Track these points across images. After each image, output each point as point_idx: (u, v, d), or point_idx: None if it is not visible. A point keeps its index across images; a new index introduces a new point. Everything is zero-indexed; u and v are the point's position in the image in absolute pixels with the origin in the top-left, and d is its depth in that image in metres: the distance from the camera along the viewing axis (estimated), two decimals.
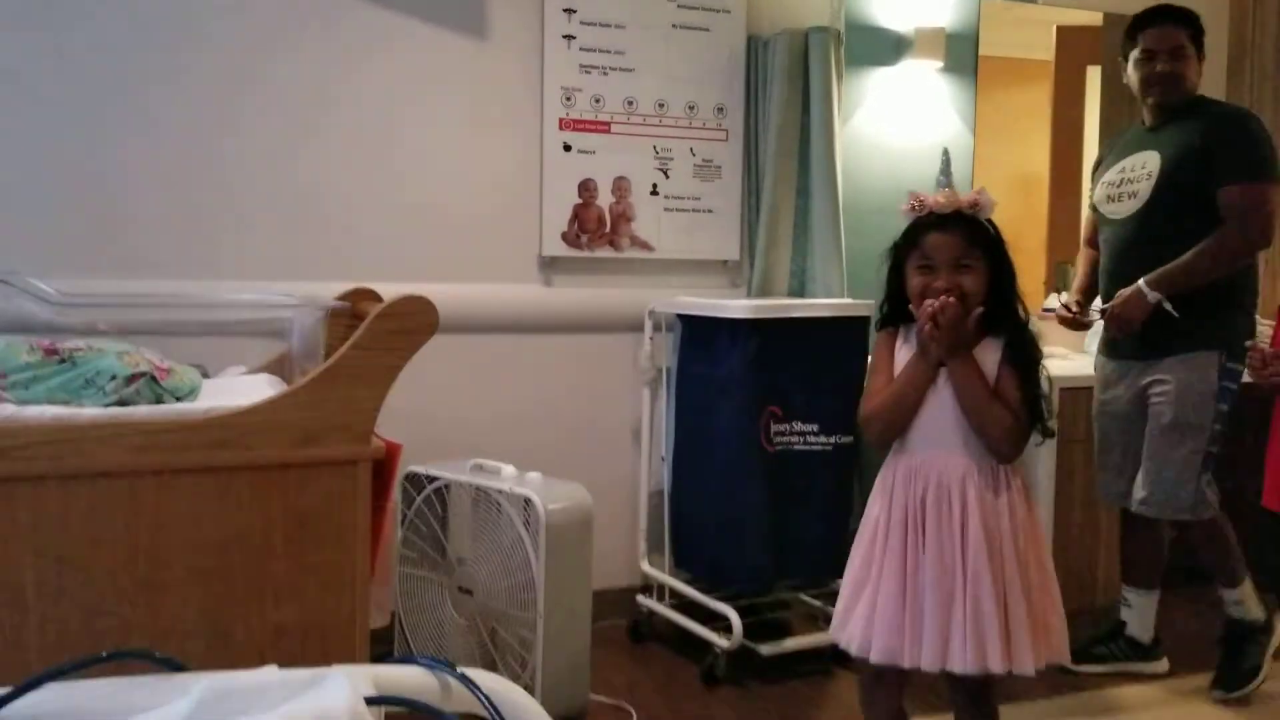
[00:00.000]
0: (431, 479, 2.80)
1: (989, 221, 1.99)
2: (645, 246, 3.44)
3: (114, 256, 2.84)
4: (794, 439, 3.06)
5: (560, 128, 3.32)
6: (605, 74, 3.36)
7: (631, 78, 3.39)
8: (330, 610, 1.87)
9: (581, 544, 2.66)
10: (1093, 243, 3.12)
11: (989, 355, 1.99)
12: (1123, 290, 2.81)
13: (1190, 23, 2.88)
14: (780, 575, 3.11)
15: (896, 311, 2.06)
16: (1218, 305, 2.77)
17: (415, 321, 2.00)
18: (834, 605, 2.11)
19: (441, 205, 3.21)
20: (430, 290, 2.10)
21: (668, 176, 3.46)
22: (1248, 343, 2.41)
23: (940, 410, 1.98)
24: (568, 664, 2.64)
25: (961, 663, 1.89)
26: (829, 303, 3.21)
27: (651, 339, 3.34)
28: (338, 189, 3.09)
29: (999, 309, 1.97)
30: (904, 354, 2.04)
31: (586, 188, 3.36)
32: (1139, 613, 3.03)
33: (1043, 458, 3.26)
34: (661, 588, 3.34)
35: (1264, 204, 2.73)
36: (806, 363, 3.04)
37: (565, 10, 3.30)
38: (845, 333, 3.08)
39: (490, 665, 2.62)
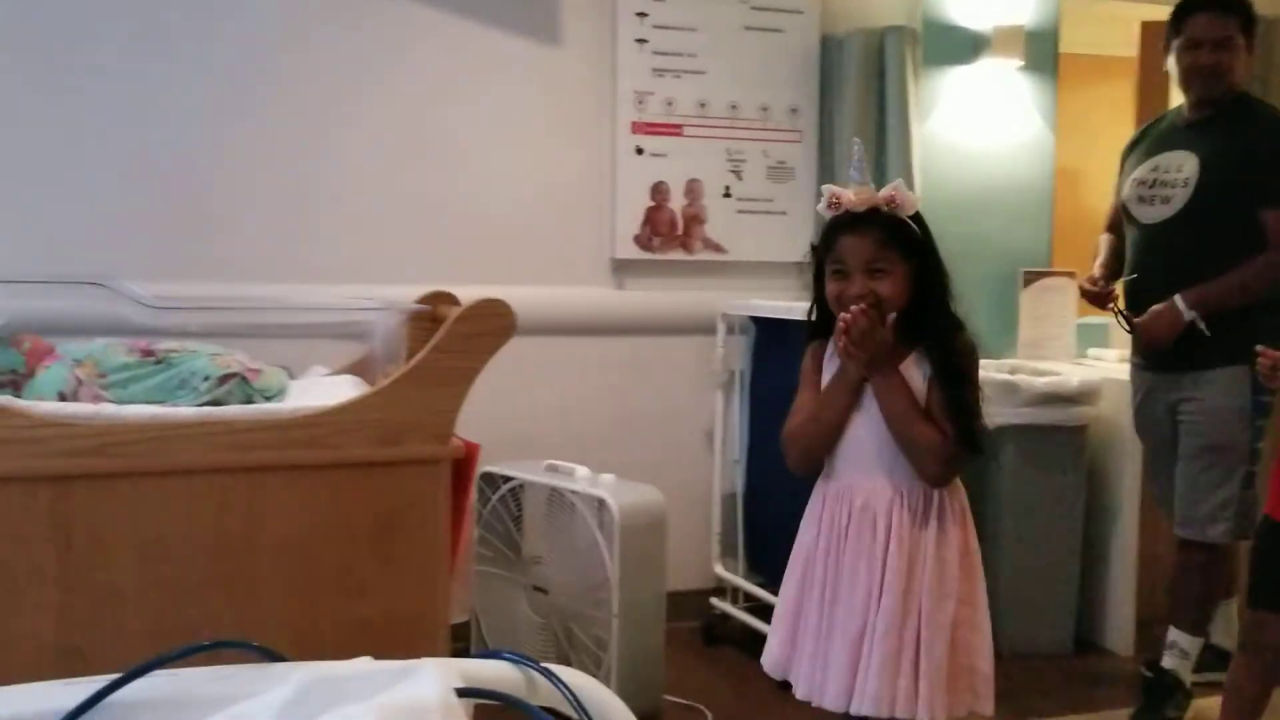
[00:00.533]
0: (506, 479, 2.84)
1: (915, 218, 1.82)
2: (717, 249, 3.44)
3: (204, 261, 2.93)
4: None
5: (632, 131, 3.34)
6: (678, 77, 3.37)
7: (704, 80, 3.40)
8: (412, 605, 1.91)
9: (655, 545, 2.68)
10: (1114, 229, 2.95)
11: (918, 368, 1.80)
12: (1156, 306, 2.65)
13: (1241, 10, 2.66)
14: None
15: (824, 321, 1.88)
16: (1248, 316, 2.60)
17: (493, 324, 2.04)
18: None
19: (515, 209, 3.25)
20: (504, 293, 2.13)
21: (740, 178, 3.46)
22: (1257, 347, 2.17)
23: (866, 431, 1.81)
24: (642, 664, 2.66)
25: (859, 702, 1.74)
26: None
27: (724, 342, 3.34)
28: (415, 194, 3.15)
29: (930, 316, 1.80)
30: (831, 369, 1.87)
31: (658, 190, 3.38)
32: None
33: (1128, 463, 3.19)
34: (735, 590, 3.34)
35: None
36: None
37: (638, 14, 3.32)
38: None
39: (565, 663, 2.64)
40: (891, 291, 1.78)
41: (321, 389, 2.12)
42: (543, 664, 1.01)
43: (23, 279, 2.14)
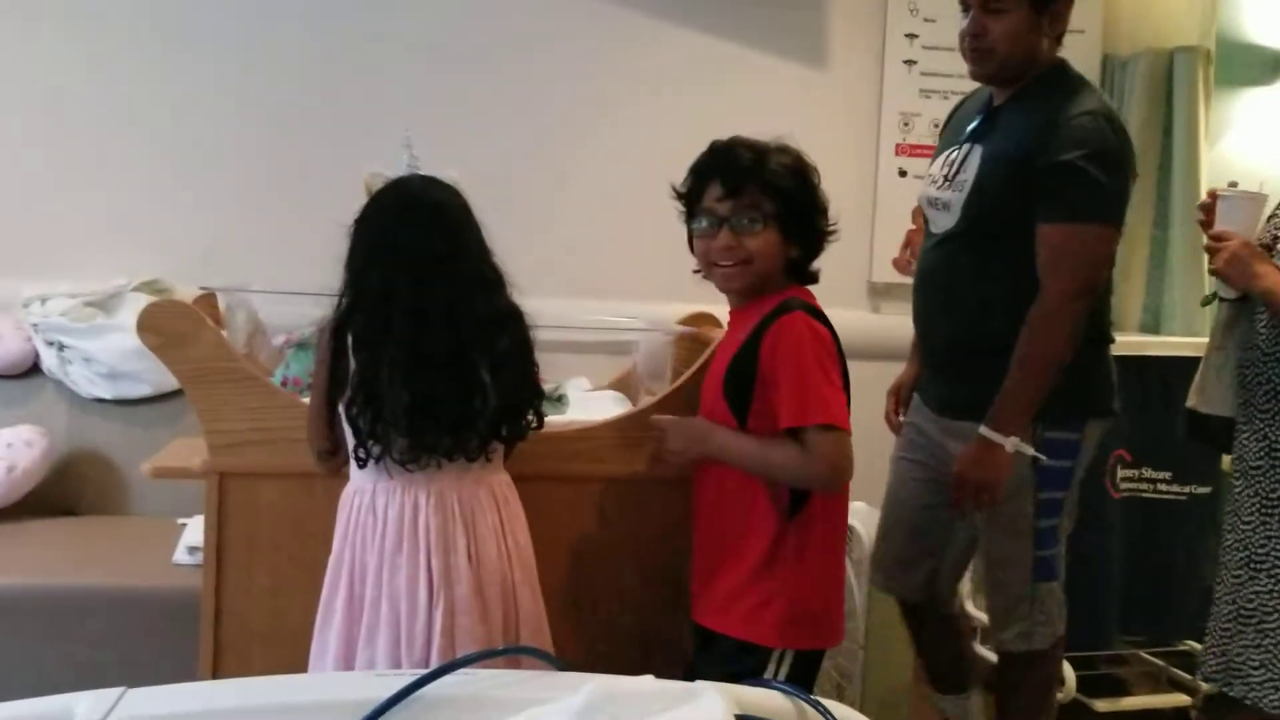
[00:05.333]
0: None
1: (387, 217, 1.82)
2: None
3: None
4: (1143, 485, 2.87)
5: (896, 153, 3.30)
6: (946, 98, 3.29)
7: None
8: (667, 621, 1.95)
9: None
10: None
11: None
12: (965, 448, 2.05)
13: None
14: (1123, 630, 2.91)
15: None
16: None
17: None
18: (1179, 666, 1.87)
19: None
20: None
21: None
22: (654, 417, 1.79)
23: None
24: (887, 697, 2.61)
25: None
26: (1187, 341, 2.98)
27: None
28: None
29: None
30: None
31: (920, 213, 3.31)
32: None
33: None
34: (985, 630, 3.21)
35: (1094, 250, 1.97)
36: (1160, 405, 2.84)
37: (907, 35, 3.27)
38: None
39: (807, 691, 2.62)
40: None
41: (589, 404, 2.20)
42: (815, 696, 1.03)
43: (328, 293, 2.33)
